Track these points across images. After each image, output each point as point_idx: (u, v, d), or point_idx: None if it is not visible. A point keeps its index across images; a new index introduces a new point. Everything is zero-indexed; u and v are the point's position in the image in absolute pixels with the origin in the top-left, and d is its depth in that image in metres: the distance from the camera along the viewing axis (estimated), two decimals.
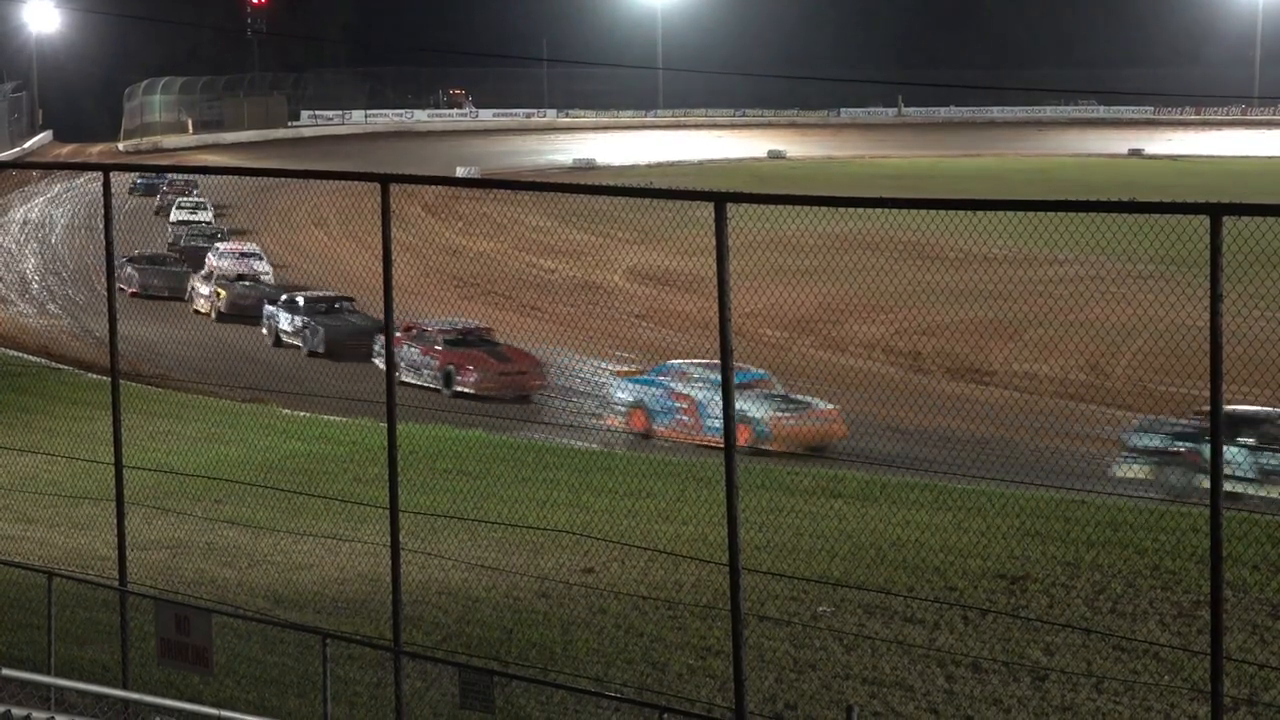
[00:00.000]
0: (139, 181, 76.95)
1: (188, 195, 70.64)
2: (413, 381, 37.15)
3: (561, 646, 18.30)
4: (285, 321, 44.99)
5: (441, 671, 16.00)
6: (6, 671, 14.18)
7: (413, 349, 38.13)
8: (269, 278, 52.44)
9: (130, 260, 54.15)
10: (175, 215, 66.97)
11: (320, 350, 42.96)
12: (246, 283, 50.18)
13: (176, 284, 53.33)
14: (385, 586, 15.62)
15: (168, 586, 19.38)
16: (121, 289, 49.23)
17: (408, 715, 14.87)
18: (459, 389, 37.31)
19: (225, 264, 52.41)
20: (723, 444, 12.55)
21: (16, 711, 8.41)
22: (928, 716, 16.06)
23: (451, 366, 37.72)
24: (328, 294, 45.58)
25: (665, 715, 13.07)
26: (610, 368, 36.34)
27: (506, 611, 19.65)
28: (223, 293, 49.77)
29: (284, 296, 46.29)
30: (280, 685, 16.99)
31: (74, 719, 14.16)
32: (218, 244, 56.61)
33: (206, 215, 66.74)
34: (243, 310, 48.52)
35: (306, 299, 45.24)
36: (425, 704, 15.94)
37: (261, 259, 53.94)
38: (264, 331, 45.98)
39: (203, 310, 50.27)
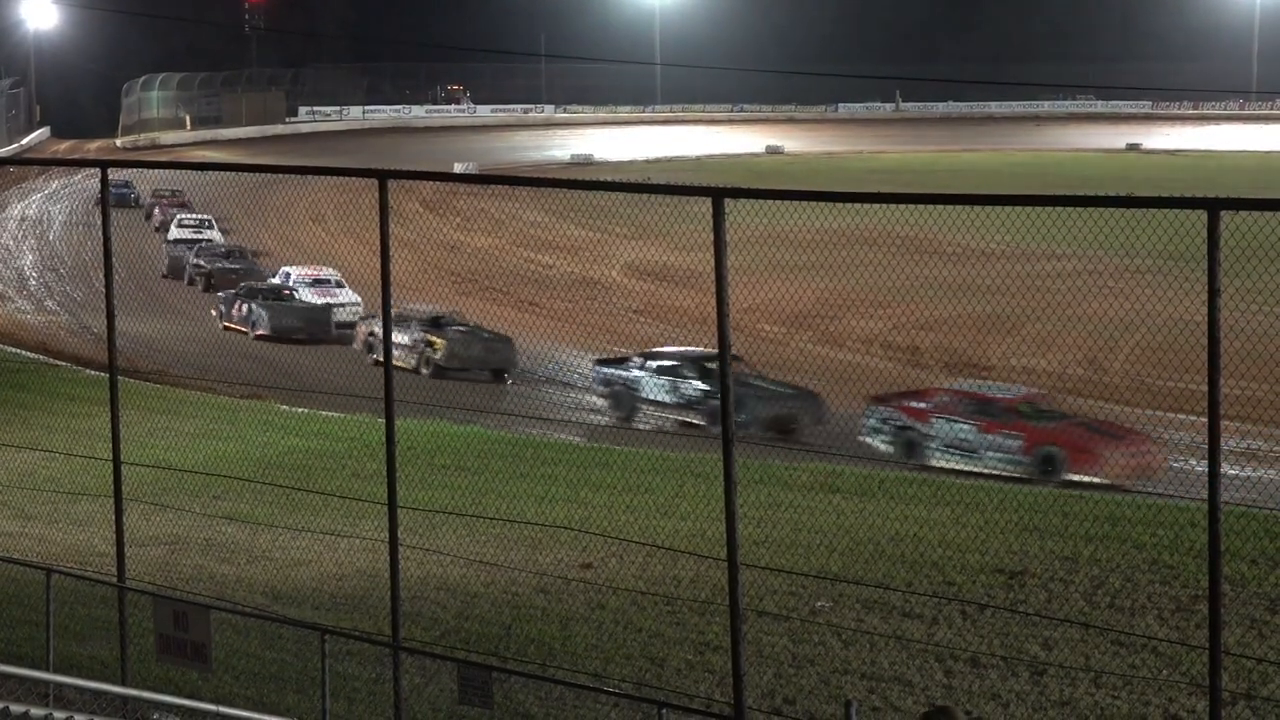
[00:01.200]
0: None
1: (189, 211, 62.93)
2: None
3: (560, 642, 18.31)
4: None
5: (440, 667, 16.01)
6: (5, 668, 14.20)
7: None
8: (359, 308, 46.00)
9: (246, 294, 47.05)
10: (174, 233, 60.10)
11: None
12: (460, 328, 40.75)
13: (316, 323, 45.55)
14: (384, 582, 15.63)
15: (166, 583, 19.38)
16: (240, 330, 45.88)
17: (406, 711, 14.88)
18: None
19: (304, 295, 47.05)
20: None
21: (15, 708, 8.42)
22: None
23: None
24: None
25: (664, 710, 13.06)
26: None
27: (505, 607, 19.66)
28: (438, 341, 40.12)
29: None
30: (279, 681, 16.99)
31: (73, 715, 14.16)
32: (287, 269, 49.74)
33: (213, 233, 59.90)
34: (465, 362, 40.08)
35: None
36: (424, 700, 15.95)
37: (344, 285, 48.29)
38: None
39: (403, 365, 37.97)
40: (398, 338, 40.04)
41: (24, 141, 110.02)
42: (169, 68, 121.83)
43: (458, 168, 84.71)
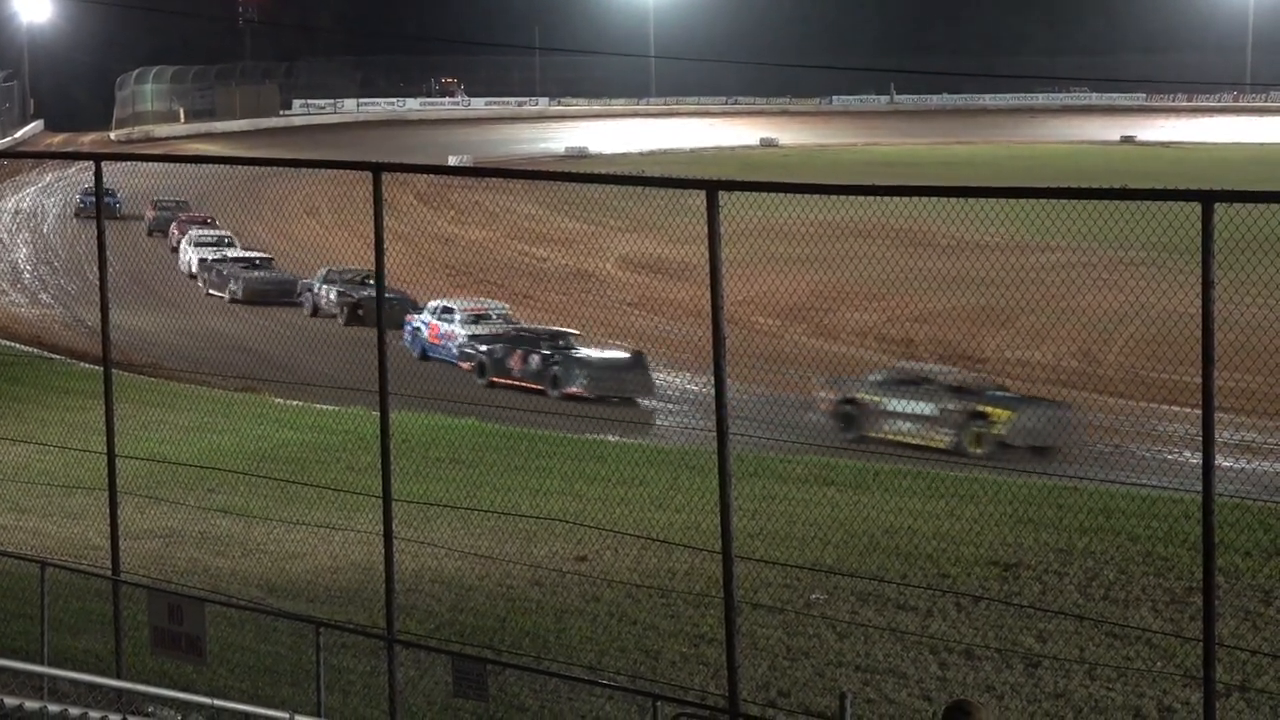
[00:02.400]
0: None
1: (209, 226, 58.13)
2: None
3: (555, 635, 18.32)
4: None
5: (435, 660, 16.01)
6: (0, 661, 14.20)
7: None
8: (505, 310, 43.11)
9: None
10: (197, 254, 55.16)
11: None
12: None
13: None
14: (378, 575, 15.64)
15: (161, 576, 19.38)
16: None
17: (401, 704, 14.89)
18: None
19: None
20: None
21: (9, 701, 8.43)
22: (921, 703, 16.09)
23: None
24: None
25: (659, 703, 13.07)
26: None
27: (500, 600, 19.67)
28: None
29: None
30: (274, 674, 17.00)
31: (67, 709, 14.15)
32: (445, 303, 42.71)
33: (236, 250, 55.25)
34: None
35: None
36: (419, 692, 15.95)
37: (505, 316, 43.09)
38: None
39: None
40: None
41: (17, 134, 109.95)
42: (163, 61, 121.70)
43: (452, 160, 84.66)
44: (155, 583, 17.81)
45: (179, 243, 58.21)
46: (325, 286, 48.20)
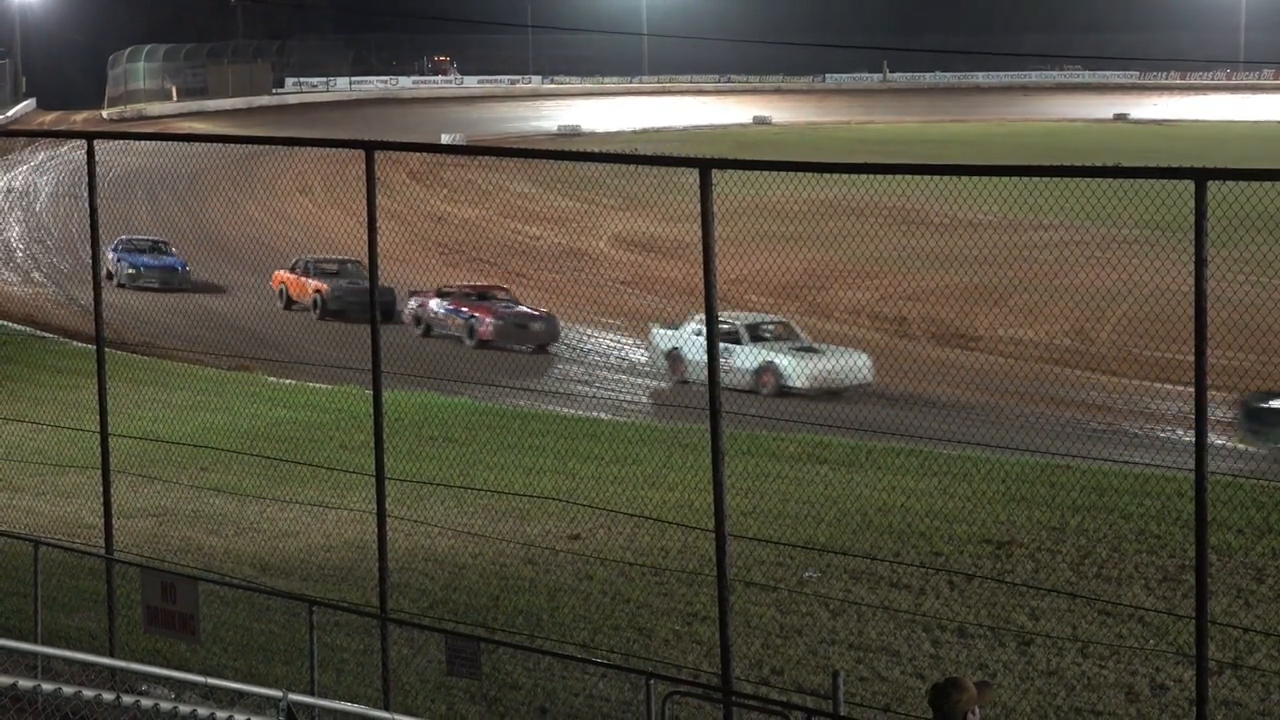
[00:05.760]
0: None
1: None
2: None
3: (548, 613, 18.34)
4: None
5: (428, 638, 16.02)
6: None
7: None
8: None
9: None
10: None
11: None
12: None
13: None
14: (371, 553, 15.64)
15: (154, 554, 19.38)
16: None
17: (395, 682, 14.90)
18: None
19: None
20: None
21: (2, 680, 8.41)
22: (914, 681, 16.11)
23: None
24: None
25: (652, 681, 13.08)
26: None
27: (493, 578, 19.68)
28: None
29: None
30: (267, 653, 17.01)
31: (61, 687, 14.15)
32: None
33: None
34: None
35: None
36: (412, 670, 15.96)
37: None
38: None
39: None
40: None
41: (9, 113, 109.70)
42: (155, 39, 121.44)
43: (445, 139, 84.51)
44: (149, 561, 17.81)
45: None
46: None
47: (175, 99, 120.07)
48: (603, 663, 16.14)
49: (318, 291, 44.41)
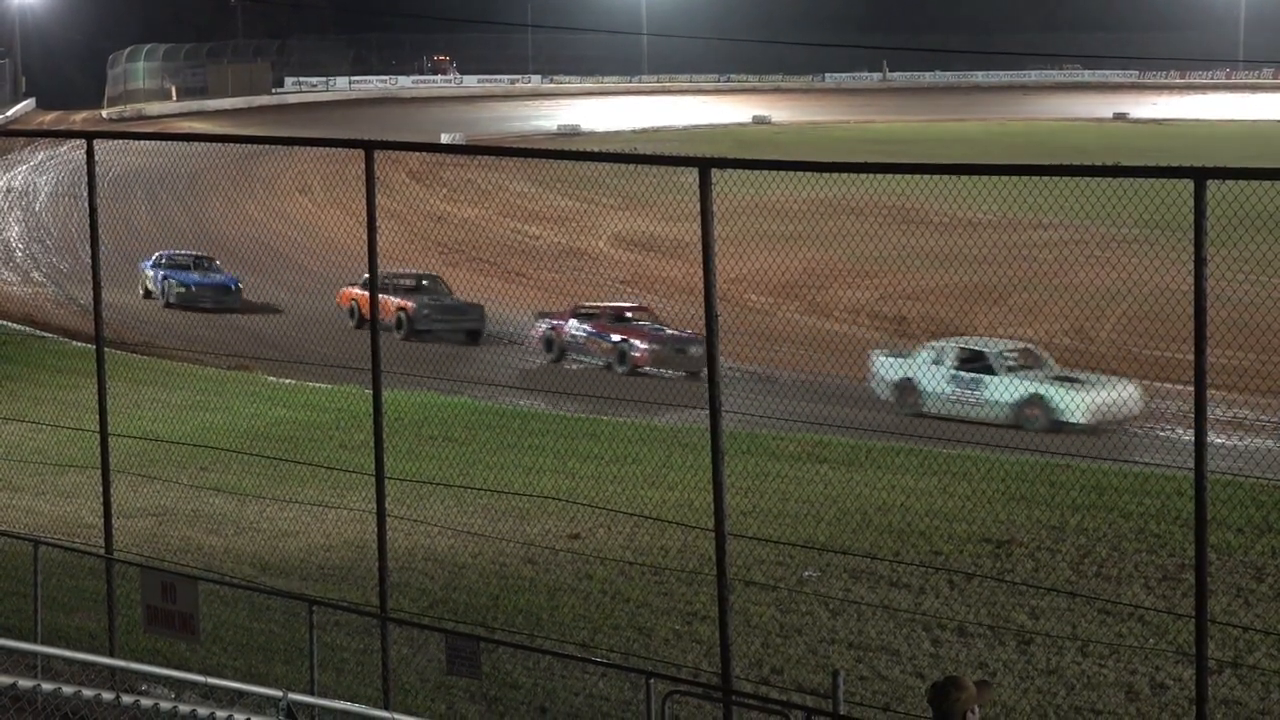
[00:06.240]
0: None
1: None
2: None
3: (548, 612, 18.34)
4: None
5: (428, 638, 16.02)
6: None
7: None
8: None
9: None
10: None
11: None
12: None
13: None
14: (371, 553, 15.64)
15: (154, 554, 19.38)
16: None
17: (395, 681, 14.91)
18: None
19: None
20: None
21: (2, 679, 8.41)
22: (913, 680, 16.11)
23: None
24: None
25: (651, 680, 13.08)
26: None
27: (493, 578, 19.69)
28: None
29: None
30: (267, 652, 17.01)
31: (60, 687, 14.16)
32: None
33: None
34: None
35: None
36: (412, 670, 15.97)
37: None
38: None
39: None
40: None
41: (9, 113, 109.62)
42: (154, 38, 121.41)
43: (444, 138, 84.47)
44: (148, 561, 17.81)
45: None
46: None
47: (175, 99, 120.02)
48: (603, 662, 16.15)
49: (401, 309, 40.89)
